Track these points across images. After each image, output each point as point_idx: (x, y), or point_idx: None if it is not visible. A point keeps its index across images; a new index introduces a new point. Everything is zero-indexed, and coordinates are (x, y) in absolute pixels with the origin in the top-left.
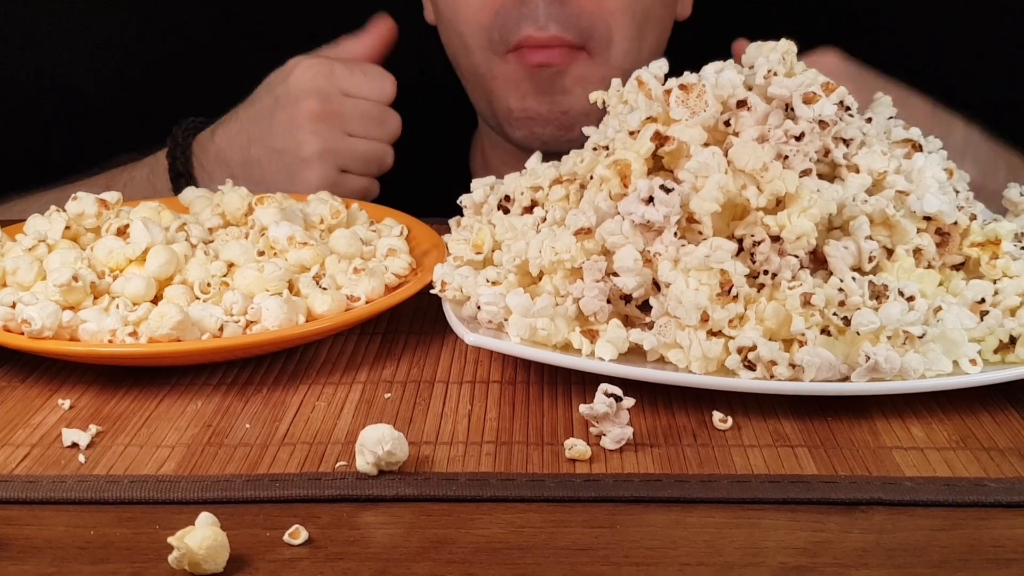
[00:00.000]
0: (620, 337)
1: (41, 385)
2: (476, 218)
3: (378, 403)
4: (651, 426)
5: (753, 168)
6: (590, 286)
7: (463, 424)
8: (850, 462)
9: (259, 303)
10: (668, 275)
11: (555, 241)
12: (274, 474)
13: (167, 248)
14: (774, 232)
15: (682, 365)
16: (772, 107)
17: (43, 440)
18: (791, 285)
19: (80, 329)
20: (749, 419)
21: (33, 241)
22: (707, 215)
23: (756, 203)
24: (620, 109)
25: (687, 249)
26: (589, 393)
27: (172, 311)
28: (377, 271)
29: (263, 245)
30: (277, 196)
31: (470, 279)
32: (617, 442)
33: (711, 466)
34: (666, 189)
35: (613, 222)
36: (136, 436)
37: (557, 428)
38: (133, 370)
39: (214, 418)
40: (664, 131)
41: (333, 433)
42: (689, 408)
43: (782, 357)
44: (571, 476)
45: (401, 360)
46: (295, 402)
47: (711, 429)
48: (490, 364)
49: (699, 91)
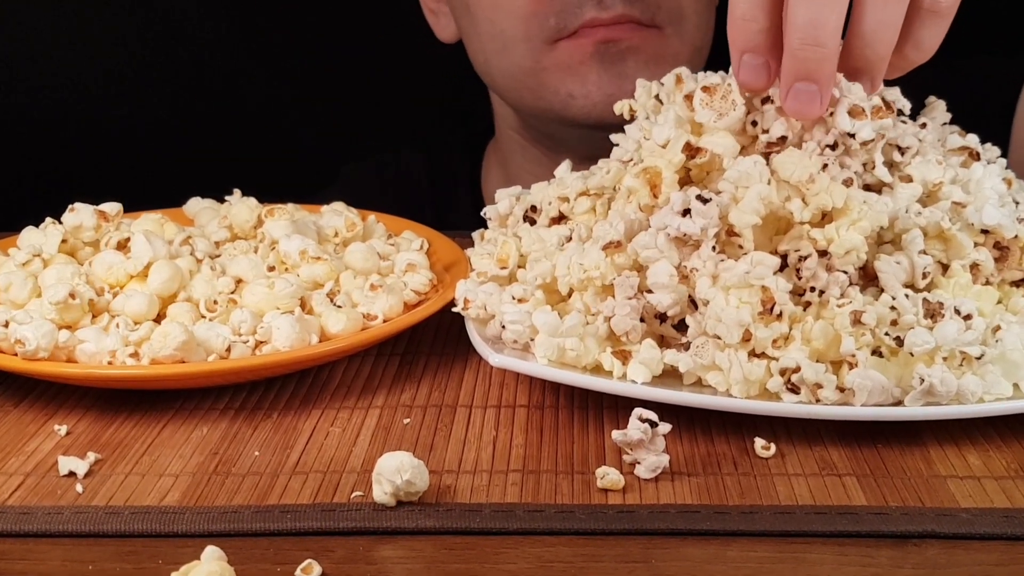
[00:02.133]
0: (654, 358)
1: (36, 410)
2: (501, 230)
3: (396, 429)
4: (688, 454)
5: (799, 179)
6: (622, 304)
7: (487, 452)
8: (902, 492)
9: (269, 322)
10: (706, 292)
11: (583, 257)
12: (285, 505)
13: (171, 263)
14: (821, 246)
15: (721, 388)
16: None
17: (38, 469)
18: (840, 303)
19: (77, 350)
20: (793, 446)
21: (27, 255)
22: (748, 228)
23: (800, 217)
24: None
25: (726, 264)
26: (622, 418)
27: (176, 331)
28: (395, 288)
29: (273, 260)
30: (288, 207)
31: (495, 296)
32: (652, 471)
33: (753, 496)
34: (703, 200)
35: (646, 235)
36: (137, 464)
37: (588, 456)
38: (134, 394)
39: (221, 445)
40: (695, 142)
41: (348, 461)
42: (729, 434)
43: (829, 380)
44: (603, 507)
45: (421, 383)
46: (307, 428)
47: (753, 457)
48: (516, 387)
49: (724, 91)
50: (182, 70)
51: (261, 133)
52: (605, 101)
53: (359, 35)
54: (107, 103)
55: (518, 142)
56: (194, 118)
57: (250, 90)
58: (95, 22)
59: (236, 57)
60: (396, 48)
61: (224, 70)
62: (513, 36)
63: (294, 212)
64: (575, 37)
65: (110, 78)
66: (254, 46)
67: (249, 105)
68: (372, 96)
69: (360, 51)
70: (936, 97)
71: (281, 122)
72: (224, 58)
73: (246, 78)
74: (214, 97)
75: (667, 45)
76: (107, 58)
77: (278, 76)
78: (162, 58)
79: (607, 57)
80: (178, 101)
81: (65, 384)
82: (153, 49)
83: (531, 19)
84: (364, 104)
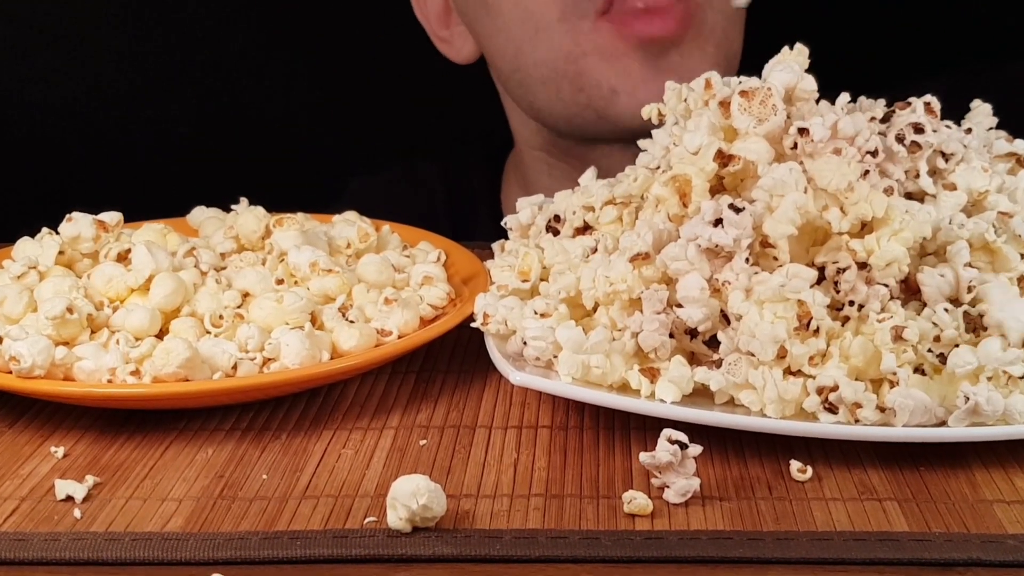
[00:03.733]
0: (684, 376)
1: (31, 431)
2: (522, 241)
3: (412, 451)
4: (720, 477)
5: (837, 188)
6: (650, 319)
7: (508, 475)
8: (945, 518)
9: (278, 338)
10: (739, 306)
11: (609, 270)
12: (295, 531)
13: (174, 276)
14: (861, 258)
15: (755, 408)
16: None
17: (33, 493)
18: (880, 318)
19: (75, 367)
20: (831, 469)
21: (22, 268)
22: (783, 239)
23: (838, 227)
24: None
25: (760, 277)
26: (650, 440)
27: (179, 347)
28: (411, 302)
29: (282, 272)
30: (298, 217)
31: (516, 311)
32: (682, 495)
33: (788, 522)
34: (736, 209)
35: (676, 246)
36: (139, 488)
37: (614, 479)
38: (135, 414)
39: (227, 468)
40: (727, 149)
41: (361, 485)
42: (763, 457)
43: (869, 399)
44: (630, 533)
45: (438, 402)
46: (318, 450)
47: (788, 480)
48: (538, 407)
49: (763, 95)
50: (185, 72)
51: (269, 139)
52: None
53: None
54: (106, 106)
55: (543, 160)
56: (198, 122)
57: (257, 94)
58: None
59: (243, 59)
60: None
61: (230, 72)
62: (547, 17)
63: (304, 222)
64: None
65: (109, 80)
66: (262, 48)
67: (256, 109)
68: (383, 104)
69: (372, 58)
70: (981, 101)
71: (290, 128)
72: (230, 60)
73: (253, 81)
74: (219, 100)
75: (704, 19)
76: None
77: (287, 80)
78: (164, 60)
79: (651, 52)
80: (181, 104)
81: (62, 403)
82: (155, 50)
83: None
84: (375, 112)
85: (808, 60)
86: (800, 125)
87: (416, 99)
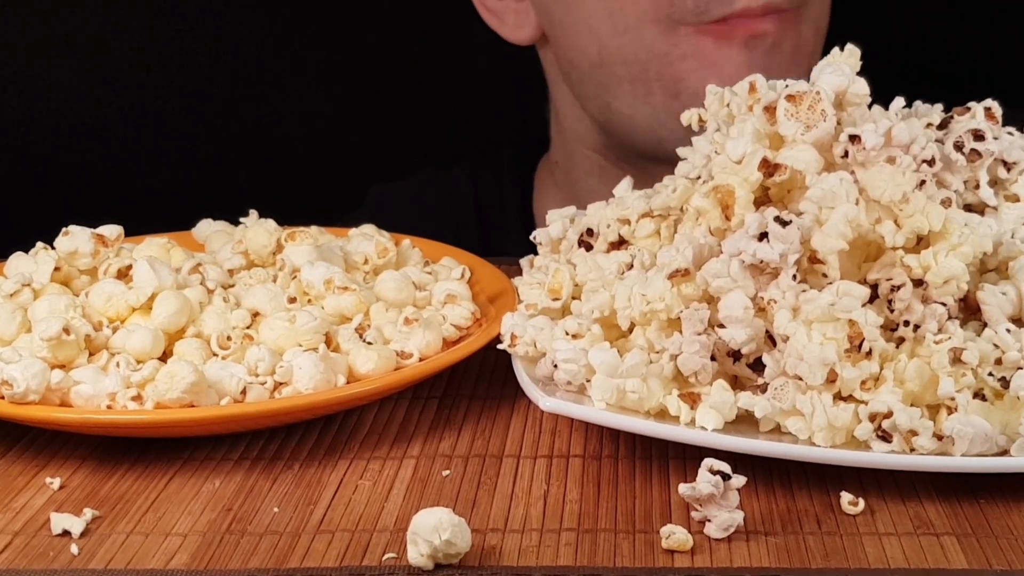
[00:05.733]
0: (727, 402)
1: (25, 460)
2: (553, 257)
3: (434, 482)
4: (766, 510)
5: (891, 199)
6: (690, 340)
7: (537, 508)
8: (1007, 554)
9: (290, 361)
10: (786, 327)
11: (646, 287)
12: (308, 568)
13: (178, 294)
14: (916, 275)
15: (803, 436)
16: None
17: (28, 527)
18: (937, 339)
19: (72, 392)
20: (885, 501)
21: (16, 285)
22: (833, 254)
23: (892, 242)
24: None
25: (808, 295)
26: (690, 470)
27: (184, 371)
28: (433, 322)
29: (295, 290)
30: (312, 231)
31: (546, 331)
32: (725, 529)
33: (839, 559)
34: (783, 222)
35: (718, 262)
36: (140, 522)
37: (652, 512)
38: (137, 442)
39: (235, 500)
40: (773, 157)
41: (380, 519)
42: (812, 488)
43: (925, 426)
44: (669, 571)
45: (462, 430)
46: (334, 481)
47: (839, 513)
48: (570, 435)
49: (812, 100)
50: (189, 69)
51: (281, 146)
52: None
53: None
54: (105, 111)
55: (595, 162)
56: (204, 126)
57: (268, 96)
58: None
59: (252, 56)
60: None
61: (238, 70)
62: (638, 15)
63: (318, 236)
64: (720, 25)
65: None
66: (274, 45)
67: (268, 113)
68: (404, 105)
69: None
70: None
71: (304, 134)
72: (238, 56)
73: (264, 81)
74: (227, 102)
75: (801, 33)
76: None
77: (301, 82)
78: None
79: (754, 56)
80: (185, 106)
81: (58, 431)
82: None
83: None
84: (395, 115)
85: (860, 62)
86: (851, 132)
87: (440, 99)
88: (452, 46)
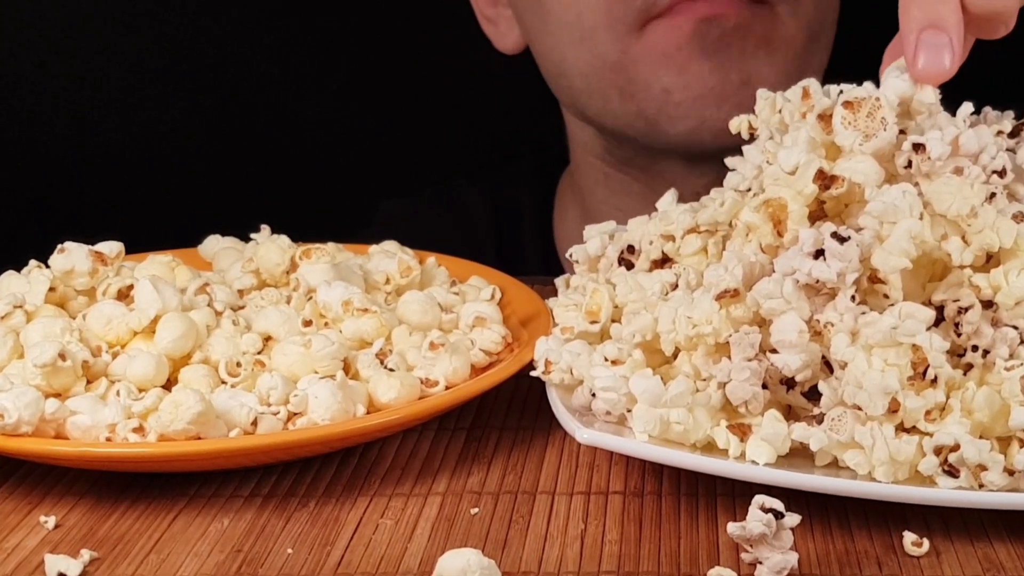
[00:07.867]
0: (779, 434)
1: (18, 497)
2: (591, 276)
3: (462, 521)
4: (822, 551)
5: (958, 213)
6: (739, 367)
7: (574, 548)
8: None
9: (305, 389)
10: (844, 352)
11: (692, 309)
12: None
13: (183, 316)
14: (986, 296)
15: (863, 471)
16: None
17: (20, 570)
18: (1009, 365)
19: (69, 423)
20: (951, 542)
21: (7, 307)
22: (895, 273)
23: (959, 259)
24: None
25: (868, 318)
26: (740, 508)
27: (190, 400)
28: (461, 347)
29: (310, 312)
30: (328, 248)
31: (583, 357)
32: (777, 572)
33: None
34: (840, 238)
35: (770, 282)
36: (143, 565)
37: (698, 553)
38: (138, 478)
39: (245, 541)
40: (829, 169)
41: (403, 561)
42: (872, 528)
43: (995, 460)
44: None
45: (492, 464)
46: (352, 520)
47: (901, 555)
48: (609, 469)
49: (871, 107)
50: (196, 79)
51: (293, 157)
52: (707, 97)
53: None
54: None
55: (600, 170)
56: (211, 138)
57: (278, 106)
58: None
59: (261, 65)
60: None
61: (246, 81)
62: (593, 23)
63: (336, 253)
64: (668, 16)
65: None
66: (283, 55)
67: (278, 124)
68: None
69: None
70: None
71: (315, 146)
72: (246, 65)
73: (273, 92)
74: (235, 112)
75: (779, 26)
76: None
77: (312, 92)
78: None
79: (708, 40)
80: (191, 117)
81: (53, 466)
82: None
83: (614, 1)
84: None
85: None
86: (915, 140)
87: (455, 108)
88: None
